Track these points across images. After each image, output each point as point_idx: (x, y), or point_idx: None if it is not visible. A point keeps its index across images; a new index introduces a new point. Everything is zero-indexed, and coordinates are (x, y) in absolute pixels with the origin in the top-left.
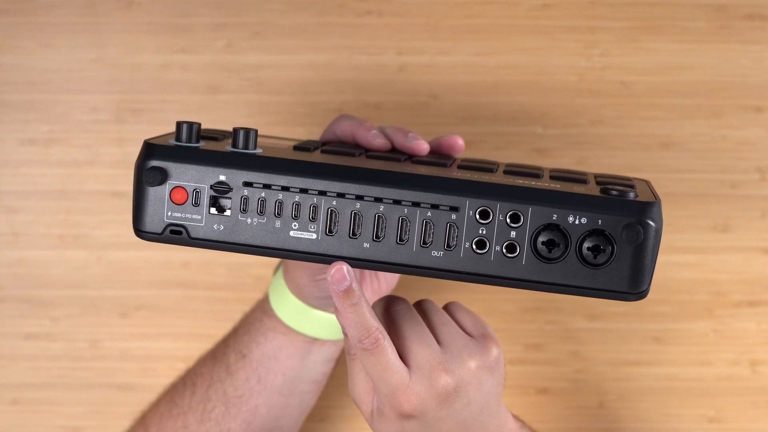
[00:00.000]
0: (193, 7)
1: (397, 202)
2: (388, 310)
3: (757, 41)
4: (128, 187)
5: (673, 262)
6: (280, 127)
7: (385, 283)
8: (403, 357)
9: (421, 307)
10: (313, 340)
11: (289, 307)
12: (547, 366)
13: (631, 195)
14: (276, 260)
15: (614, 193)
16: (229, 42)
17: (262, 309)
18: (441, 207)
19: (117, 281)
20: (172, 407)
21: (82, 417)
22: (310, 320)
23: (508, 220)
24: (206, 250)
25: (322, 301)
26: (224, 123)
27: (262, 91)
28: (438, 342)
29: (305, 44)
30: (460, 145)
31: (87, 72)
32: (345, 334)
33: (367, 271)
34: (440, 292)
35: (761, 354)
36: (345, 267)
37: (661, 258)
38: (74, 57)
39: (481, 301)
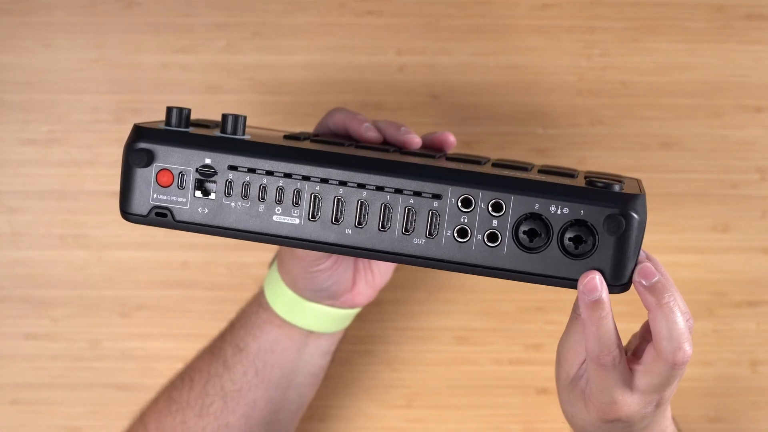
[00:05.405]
0: (193, 7)
1: (380, 188)
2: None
3: (757, 41)
4: None
5: (673, 262)
6: (280, 127)
7: (380, 275)
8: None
9: None
10: (309, 333)
11: (284, 300)
12: (547, 366)
13: (616, 188)
14: (272, 253)
15: (599, 185)
16: (229, 42)
17: (257, 302)
18: (423, 194)
19: (117, 281)
20: (170, 404)
21: (81, 417)
22: (305, 313)
23: (490, 209)
24: (206, 250)
25: (316, 294)
26: None
27: (262, 91)
28: None
29: (305, 44)
30: (451, 141)
31: (87, 72)
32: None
33: (361, 263)
34: (436, 286)
35: (761, 354)
36: (598, 276)
37: (661, 258)
38: (74, 57)
39: (480, 301)
